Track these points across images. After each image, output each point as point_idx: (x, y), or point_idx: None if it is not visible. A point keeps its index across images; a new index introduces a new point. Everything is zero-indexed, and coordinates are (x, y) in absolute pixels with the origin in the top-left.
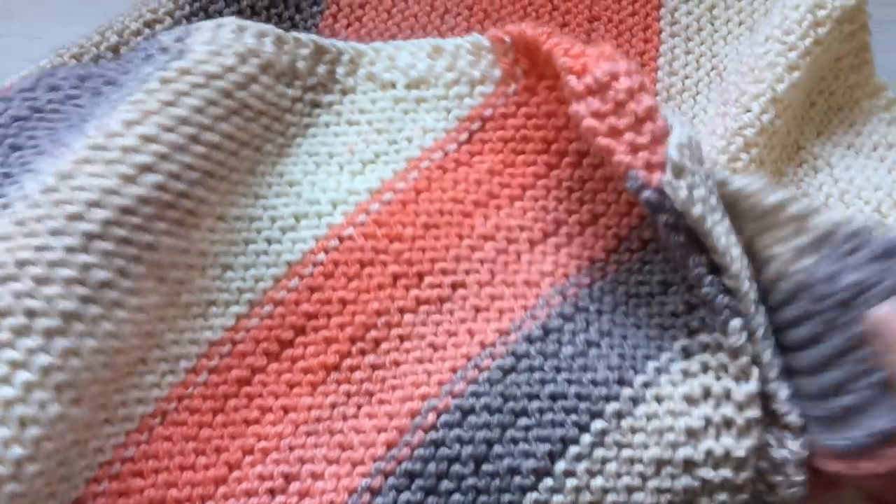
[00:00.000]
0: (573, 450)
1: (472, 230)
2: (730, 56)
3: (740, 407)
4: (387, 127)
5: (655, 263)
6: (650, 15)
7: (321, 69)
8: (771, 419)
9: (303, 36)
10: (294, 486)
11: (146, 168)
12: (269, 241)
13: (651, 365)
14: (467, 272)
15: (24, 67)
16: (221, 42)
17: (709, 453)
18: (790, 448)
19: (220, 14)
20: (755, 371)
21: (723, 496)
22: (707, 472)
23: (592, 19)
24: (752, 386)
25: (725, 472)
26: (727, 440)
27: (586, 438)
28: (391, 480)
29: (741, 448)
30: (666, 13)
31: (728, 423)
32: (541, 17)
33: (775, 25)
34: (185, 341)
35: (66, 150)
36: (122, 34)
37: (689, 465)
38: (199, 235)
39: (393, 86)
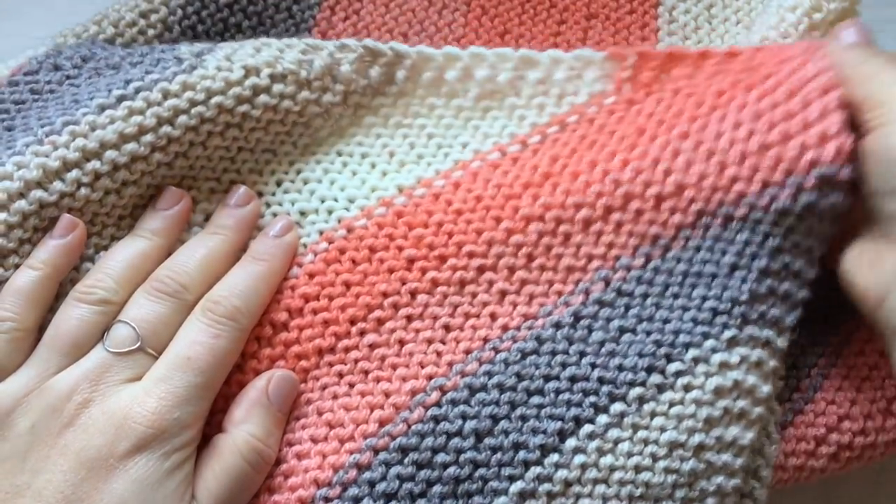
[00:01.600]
0: (587, 428)
1: (515, 212)
2: None
3: (757, 403)
4: (441, 133)
5: (734, 244)
6: (648, 13)
7: (374, 72)
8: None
9: (351, 42)
10: (280, 468)
11: (130, 183)
12: None
13: (690, 354)
14: (498, 256)
15: None
16: (235, 57)
17: (719, 439)
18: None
19: (217, 3)
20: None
21: (720, 479)
22: (713, 456)
23: (590, 17)
24: (772, 387)
25: (727, 457)
26: (736, 429)
27: (602, 419)
28: (382, 455)
29: (746, 437)
30: (664, 11)
31: (741, 415)
32: (538, 14)
33: (771, 26)
34: None
35: (49, 129)
36: (118, 25)
37: (698, 450)
38: None
39: (461, 94)
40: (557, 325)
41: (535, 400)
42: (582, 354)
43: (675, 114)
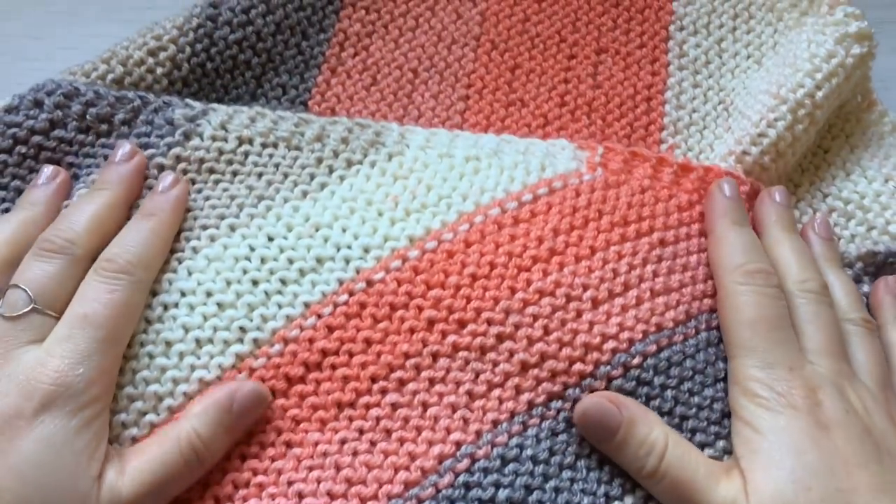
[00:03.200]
0: None
1: (528, 284)
2: (737, 90)
3: None
4: (438, 184)
5: (722, 349)
6: (658, 48)
7: (365, 137)
8: None
9: (342, 119)
10: None
11: None
12: (283, 282)
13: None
14: (517, 326)
15: (24, 67)
16: (231, 126)
17: None
18: None
19: (226, 41)
20: None
21: None
22: None
23: (600, 51)
24: None
25: None
26: None
27: (629, 500)
28: None
29: None
30: (674, 46)
31: None
32: (548, 48)
33: (806, 73)
34: (167, 380)
35: None
36: (126, 63)
37: None
38: (171, 276)
39: (450, 156)
40: None
41: (567, 474)
42: None
43: (648, 219)
